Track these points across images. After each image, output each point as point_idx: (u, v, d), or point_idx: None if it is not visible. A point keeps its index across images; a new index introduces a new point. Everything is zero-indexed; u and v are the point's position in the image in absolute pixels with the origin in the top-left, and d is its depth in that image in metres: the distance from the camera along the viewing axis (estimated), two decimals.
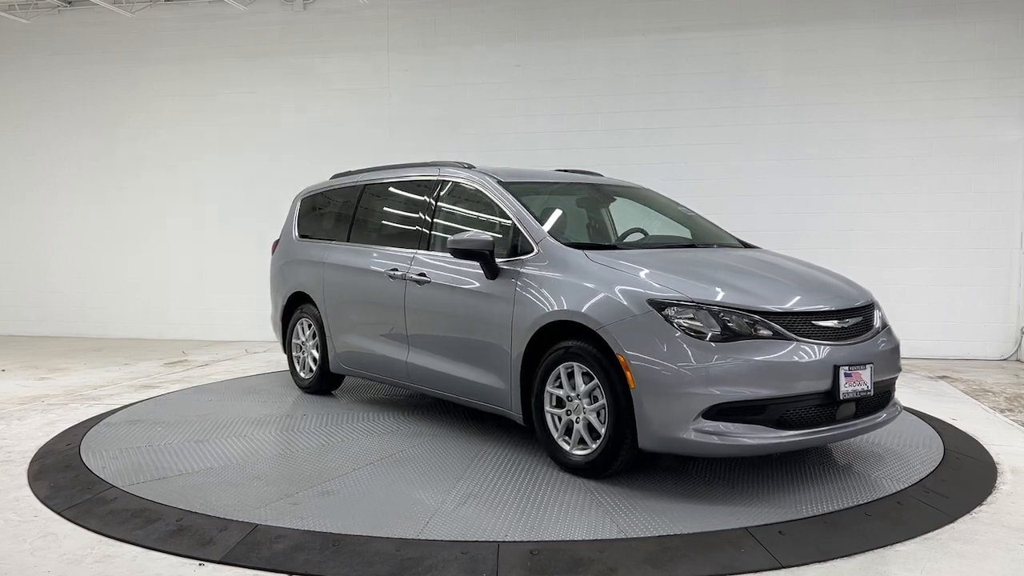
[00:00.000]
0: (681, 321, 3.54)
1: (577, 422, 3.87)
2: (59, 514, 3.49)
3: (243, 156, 9.73)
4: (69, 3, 10.10)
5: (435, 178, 5.08)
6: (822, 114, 8.37)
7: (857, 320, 3.90)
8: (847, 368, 3.64)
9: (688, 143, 8.63)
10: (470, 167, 5.00)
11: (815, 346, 3.61)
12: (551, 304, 3.95)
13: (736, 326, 3.53)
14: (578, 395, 3.84)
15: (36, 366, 7.78)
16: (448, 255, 4.55)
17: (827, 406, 3.64)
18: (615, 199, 5.32)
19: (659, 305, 3.59)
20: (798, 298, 3.81)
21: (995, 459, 4.32)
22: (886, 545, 3.09)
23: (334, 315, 5.57)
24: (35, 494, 3.77)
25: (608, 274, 3.88)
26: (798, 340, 3.59)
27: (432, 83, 9.30)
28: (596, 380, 3.74)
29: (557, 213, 4.75)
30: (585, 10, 8.90)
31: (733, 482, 3.81)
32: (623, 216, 5.25)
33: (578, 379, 3.84)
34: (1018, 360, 8.07)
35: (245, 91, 9.77)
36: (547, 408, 4.02)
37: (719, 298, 3.63)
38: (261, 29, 9.70)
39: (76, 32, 10.18)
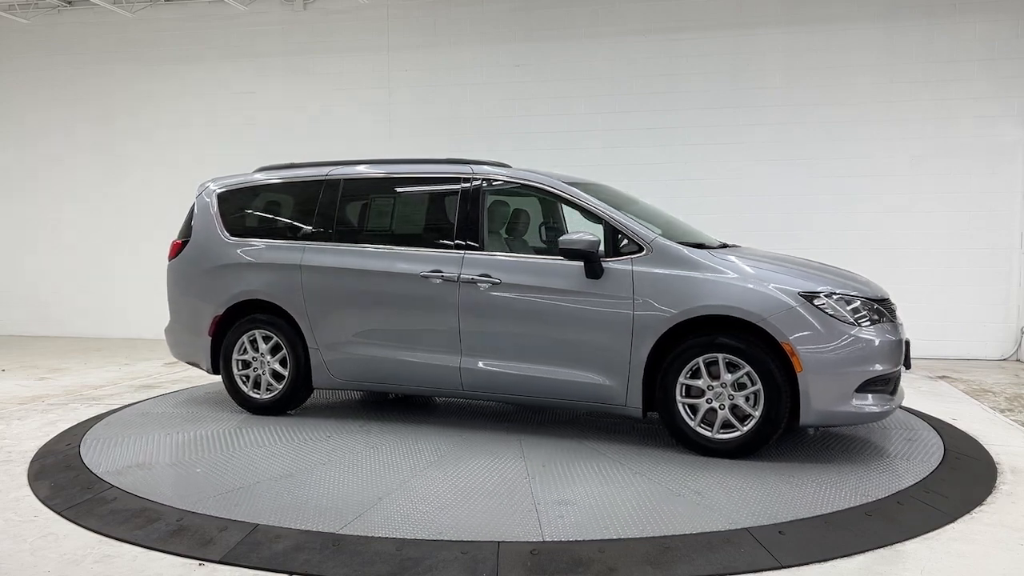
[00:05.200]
0: (830, 309, 4.06)
1: (721, 408, 4.16)
2: (59, 514, 3.49)
3: (242, 156, 9.66)
4: (69, 3, 10.10)
5: (470, 176, 4.91)
6: (822, 114, 8.37)
7: (893, 305, 4.55)
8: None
9: (688, 143, 8.63)
10: (506, 166, 5.01)
11: (898, 326, 4.31)
12: (690, 300, 4.19)
13: (863, 313, 4.13)
14: (722, 384, 4.14)
15: (36, 366, 7.78)
16: (517, 255, 4.74)
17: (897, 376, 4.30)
18: (637, 201, 5.29)
19: (809, 297, 4.09)
20: (870, 288, 4.44)
21: (995, 459, 4.32)
22: (886, 545, 3.10)
23: (326, 323, 5.12)
24: (35, 494, 3.78)
25: (746, 271, 4.24)
26: (893, 322, 4.28)
27: (432, 83, 9.30)
28: (748, 368, 4.07)
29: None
30: (585, 10, 8.89)
31: (733, 482, 3.81)
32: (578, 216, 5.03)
33: (722, 368, 4.13)
34: (1018, 360, 8.07)
35: (245, 91, 9.77)
36: (678, 399, 4.23)
37: (846, 290, 4.21)
38: (261, 29, 9.70)
39: (76, 32, 10.18)
